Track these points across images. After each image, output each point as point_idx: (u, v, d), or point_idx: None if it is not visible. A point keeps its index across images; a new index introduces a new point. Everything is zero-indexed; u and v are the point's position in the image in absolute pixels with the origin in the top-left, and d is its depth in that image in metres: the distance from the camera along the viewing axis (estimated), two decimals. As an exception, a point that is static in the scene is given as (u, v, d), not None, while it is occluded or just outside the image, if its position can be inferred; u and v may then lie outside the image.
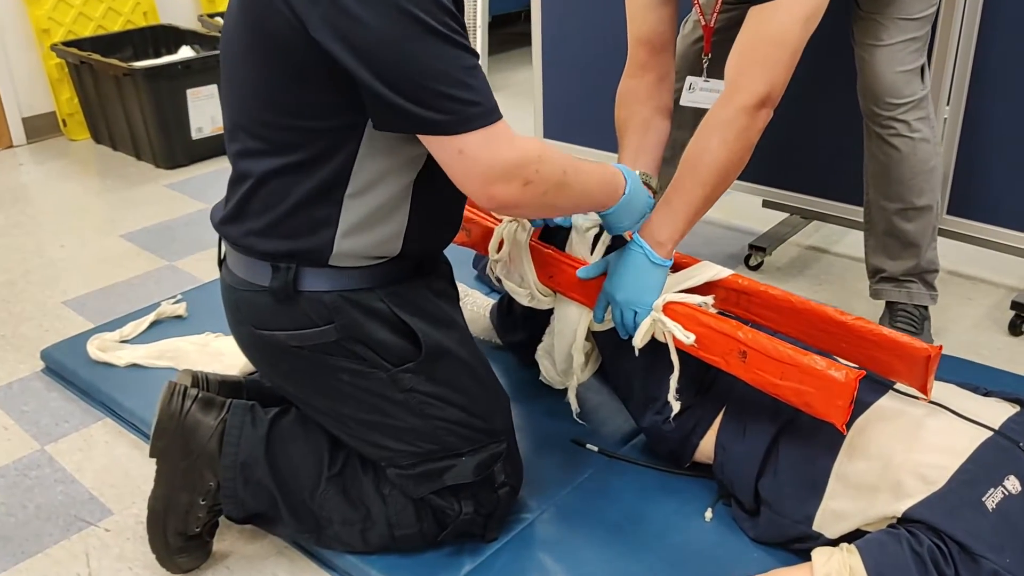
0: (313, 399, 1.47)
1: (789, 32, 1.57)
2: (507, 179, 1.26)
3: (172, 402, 1.49)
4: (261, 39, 1.25)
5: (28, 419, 2.01)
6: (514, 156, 1.25)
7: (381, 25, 1.15)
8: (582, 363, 1.73)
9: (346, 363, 1.40)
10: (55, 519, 1.71)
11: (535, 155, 1.28)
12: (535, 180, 1.28)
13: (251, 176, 1.34)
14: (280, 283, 1.36)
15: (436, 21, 1.17)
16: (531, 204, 1.31)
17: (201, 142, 3.54)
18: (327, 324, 1.38)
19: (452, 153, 1.24)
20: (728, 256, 2.65)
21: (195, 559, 1.55)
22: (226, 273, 1.47)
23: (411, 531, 1.50)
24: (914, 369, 1.48)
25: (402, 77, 1.18)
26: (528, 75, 3.04)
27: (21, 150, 3.73)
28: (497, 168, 1.24)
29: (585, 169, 1.39)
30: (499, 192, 1.26)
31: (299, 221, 1.34)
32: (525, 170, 1.27)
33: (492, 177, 1.25)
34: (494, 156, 1.24)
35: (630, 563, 1.51)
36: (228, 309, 1.48)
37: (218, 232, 1.45)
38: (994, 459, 1.36)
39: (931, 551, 1.27)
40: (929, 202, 2.04)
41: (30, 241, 2.90)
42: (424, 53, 1.18)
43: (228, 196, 1.41)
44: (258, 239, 1.37)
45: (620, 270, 1.58)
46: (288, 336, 1.40)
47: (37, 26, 3.67)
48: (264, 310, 1.40)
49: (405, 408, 1.43)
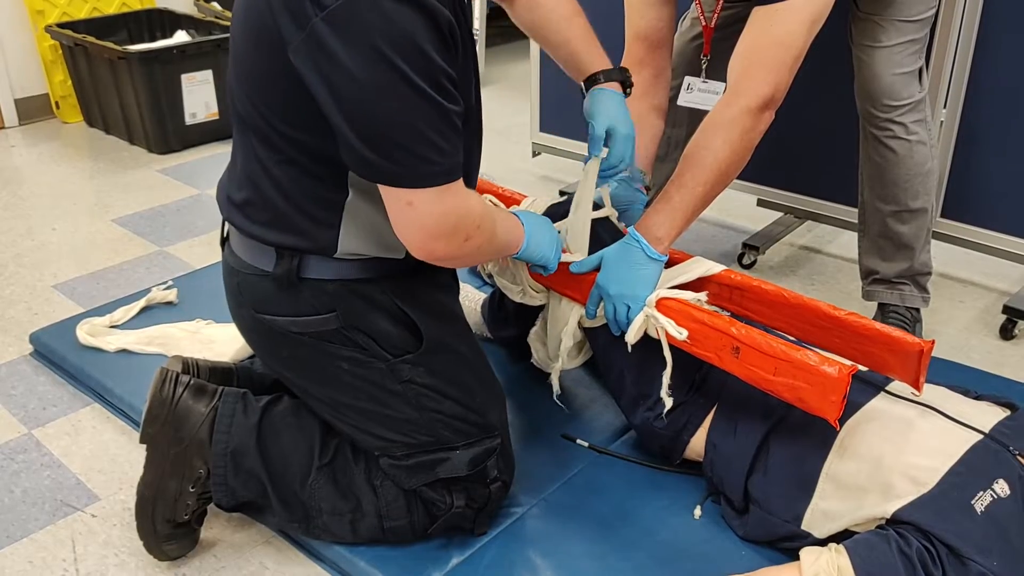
0: (311, 386, 1.47)
1: (794, 35, 1.57)
2: (450, 235, 1.26)
3: (163, 389, 1.48)
4: (260, 45, 1.23)
5: (16, 403, 1.99)
6: (462, 214, 1.25)
7: (357, 67, 1.13)
8: (569, 347, 1.72)
9: (346, 351, 1.40)
10: (41, 504, 1.70)
11: (478, 213, 1.28)
12: (475, 236, 1.29)
13: (258, 168, 1.34)
14: (283, 270, 1.36)
15: (417, 72, 1.14)
16: (464, 258, 1.33)
17: (195, 127, 3.52)
18: (329, 312, 1.38)
19: (400, 204, 1.23)
20: (721, 254, 2.66)
21: (183, 547, 1.54)
22: (228, 254, 1.46)
23: (401, 523, 1.50)
24: (907, 364, 1.48)
25: (366, 123, 1.16)
26: (525, 68, 3.03)
27: (13, 132, 3.71)
28: (444, 225, 1.24)
29: (501, 218, 1.40)
30: (439, 248, 1.27)
31: (303, 219, 1.34)
32: (469, 228, 1.27)
33: (436, 233, 1.25)
34: (444, 213, 1.23)
35: (619, 559, 1.51)
36: (229, 291, 1.48)
37: (224, 216, 1.44)
38: (984, 462, 1.37)
39: (919, 553, 1.27)
40: (924, 205, 2.04)
41: (21, 224, 2.88)
42: (394, 104, 1.15)
43: (237, 181, 1.40)
44: (263, 229, 1.36)
45: (615, 264, 1.58)
46: (289, 322, 1.40)
47: (31, 7, 3.64)
48: (266, 295, 1.40)
49: (402, 399, 1.43)
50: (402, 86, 1.14)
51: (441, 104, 1.18)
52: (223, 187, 1.45)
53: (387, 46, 1.12)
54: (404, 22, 1.12)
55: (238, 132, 1.37)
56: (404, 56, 1.13)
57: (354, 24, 1.11)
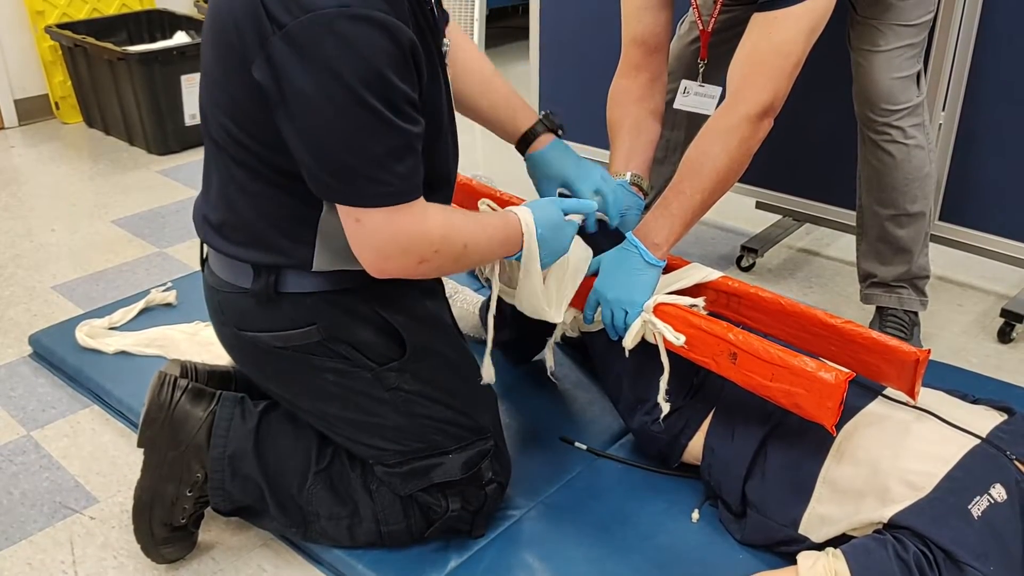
0: (299, 399, 1.47)
1: (794, 42, 1.57)
2: (403, 256, 1.25)
3: (162, 392, 1.48)
4: (229, 66, 1.22)
5: (15, 404, 2.00)
6: (414, 235, 1.24)
7: (310, 86, 1.12)
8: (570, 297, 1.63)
9: (330, 363, 1.40)
10: (40, 506, 1.70)
11: (437, 236, 1.27)
12: (431, 259, 1.28)
13: (234, 188, 1.33)
14: (262, 286, 1.36)
15: (374, 94, 1.13)
16: (424, 276, 1.32)
17: (194, 128, 3.52)
18: (309, 325, 1.37)
19: (350, 221, 1.23)
20: (720, 257, 2.66)
21: (180, 550, 1.54)
22: (208, 274, 1.46)
23: (398, 527, 1.50)
24: (902, 373, 1.48)
25: (317, 141, 1.16)
26: (525, 69, 3.03)
27: (12, 132, 3.71)
28: (394, 245, 1.24)
29: (486, 237, 1.37)
30: (391, 267, 1.27)
31: (279, 237, 1.33)
32: (424, 250, 1.26)
33: (387, 253, 1.24)
34: (393, 233, 1.23)
35: (616, 563, 1.51)
36: (211, 310, 1.47)
37: (201, 237, 1.43)
38: (981, 467, 1.37)
39: (916, 557, 1.27)
40: (922, 208, 2.04)
41: (20, 225, 2.89)
42: (346, 125, 1.14)
43: (212, 202, 1.38)
44: (240, 249, 1.36)
45: (613, 269, 1.58)
46: (271, 337, 1.39)
47: (31, 8, 3.64)
48: (246, 312, 1.39)
49: (391, 407, 1.43)
50: (356, 108, 1.13)
51: (398, 126, 1.18)
52: (199, 208, 1.44)
53: (343, 67, 1.11)
54: (362, 44, 1.12)
55: (212, 154, 1.36)
56: (360, 78, 1.12)
57: (311, 44, 1.11)
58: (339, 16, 1.10)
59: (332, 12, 1.10)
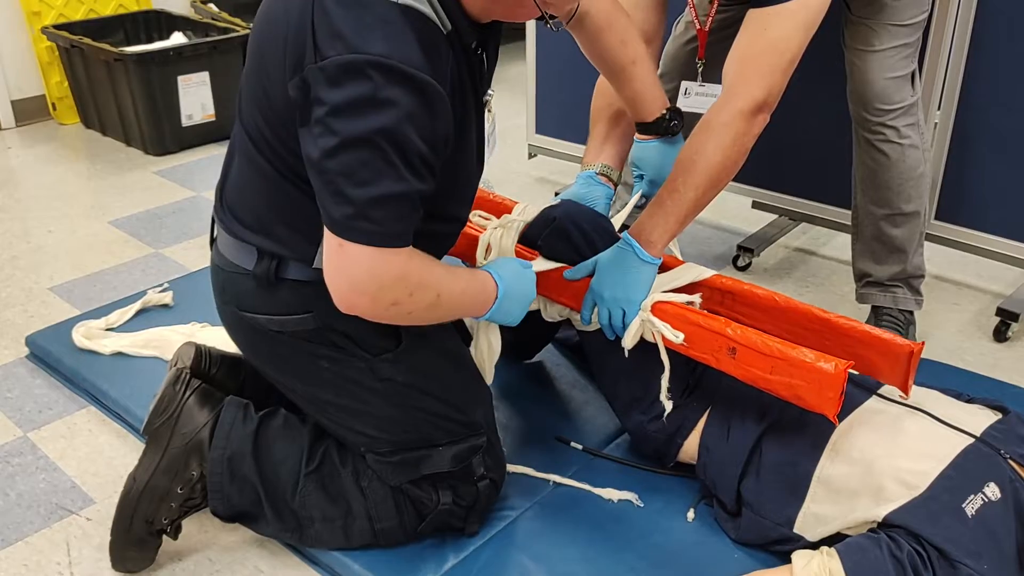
0: (294, 382, 1.49)
1: (790, 39, 1.57)
2: (374, 294, 1.25)
3: (176, 386, 1.52)
4: (272, 73, 1.26)
5: (11, 405, 2.00)
6: (394, 275, 1.24)
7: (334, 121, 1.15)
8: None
9: (325, 350, 1.42)
10: (36, 507, 1.71)
11: (415, 280, 1.27)
12: (403, 303, 1.28)
13: (259, 179, 1.36)
14: (263, 269, 1.38)
15: (391, 145, 1.16)
16: (391, 320, 1.32)
17: (191, 129, 3.52)
18: (306, 312, 1.39)
19: (333, 244, 1.23)
20: (716, 256, 2.66)
21: (142, 560, 1.53)
22: (215, 253, 1.49)
23: (391, 523, 1.51)
24: (896, 366, 1.49)
25: (327, 166, 1.18)
26: (522, 69, 3.03)
27: (9, 133, 3.70)
28: (369, 282, 1.24)
29: (459, 289, 1.38)
30: (361, 303, 1.26)
31: (288, 231, 1.36)
32: (398, 292, 1.26)
33: (360, 288, 1.25)
34: (371, 269, 1.23)
35: (612, 562, 1.51)
36: (215, 289, 1.50)
37: (215, 214, 1.47)
38: (975, 466, 1.37)
39: (911, 556, 1.28)
40: (917, 208, 2.05)
41: (17, 225, 2.89)
42: (353, 158, 1.17)
43: (233, 183, 1.43)
44: (248, 232, 1.39)
45: (609, 267, 1.58)
46: (269, 320, 1.42)
47: (28, 8, 3.64)
48: (247, 293, 1.42)
49: (383, 397, 1.44)
50: (366, 148, 1.16)
51: (405, 177, 1.20)
52: (218, 186, 1.48)
53: (368, 115, 1.15)
54: (389, 98, 1.15)
55: (239, 137, 1.39)
56: (380, 126, 1.15)
57: (344, 82, 1.14)
58: (377, 65, 1.14)
59: (371, 59, 1.14)
